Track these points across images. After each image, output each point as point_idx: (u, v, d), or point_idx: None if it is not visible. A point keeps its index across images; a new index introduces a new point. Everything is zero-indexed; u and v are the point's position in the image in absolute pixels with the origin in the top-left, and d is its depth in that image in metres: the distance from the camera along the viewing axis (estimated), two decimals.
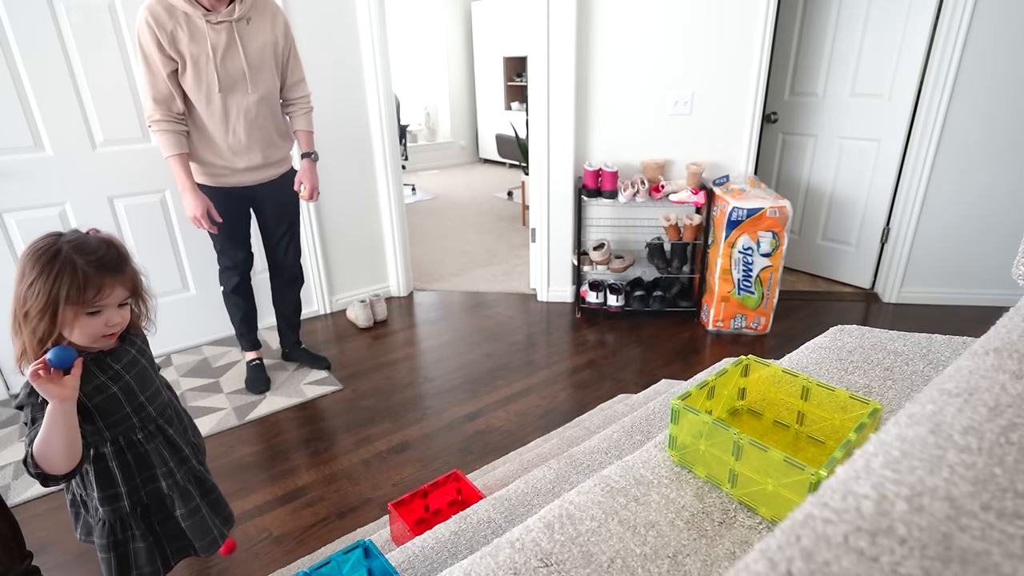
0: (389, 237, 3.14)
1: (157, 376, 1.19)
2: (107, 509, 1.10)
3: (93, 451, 1.08)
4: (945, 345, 1.10)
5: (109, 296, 1.00)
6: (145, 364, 1.14)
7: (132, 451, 1.12)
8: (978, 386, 0.44)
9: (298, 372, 2.48)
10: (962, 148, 2.72)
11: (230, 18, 1.82)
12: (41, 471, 0.95)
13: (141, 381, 1.12)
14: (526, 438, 2.00)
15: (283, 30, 1.98)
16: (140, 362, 1.13)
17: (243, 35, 1.87)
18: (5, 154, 2.11)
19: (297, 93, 2.10)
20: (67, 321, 0.97)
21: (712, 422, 0.75)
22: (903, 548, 0.30)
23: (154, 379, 1.17)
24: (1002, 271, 2.86)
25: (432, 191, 6.10)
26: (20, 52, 2.05)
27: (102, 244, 1.01)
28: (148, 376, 1.14)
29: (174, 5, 1.76)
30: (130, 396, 1.10)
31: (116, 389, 1.07)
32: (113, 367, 1.07)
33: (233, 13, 1.82)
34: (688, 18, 2.64)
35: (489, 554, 0.70)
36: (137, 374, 1.11)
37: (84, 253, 0.97)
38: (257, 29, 1.90)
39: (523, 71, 6.56)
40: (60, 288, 0.94)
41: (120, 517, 1.13)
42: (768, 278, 2.59)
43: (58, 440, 0.93)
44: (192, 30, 1.79)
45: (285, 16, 2.00)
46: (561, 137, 2.85)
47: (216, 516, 1.25)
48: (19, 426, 2.12)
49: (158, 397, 1.16)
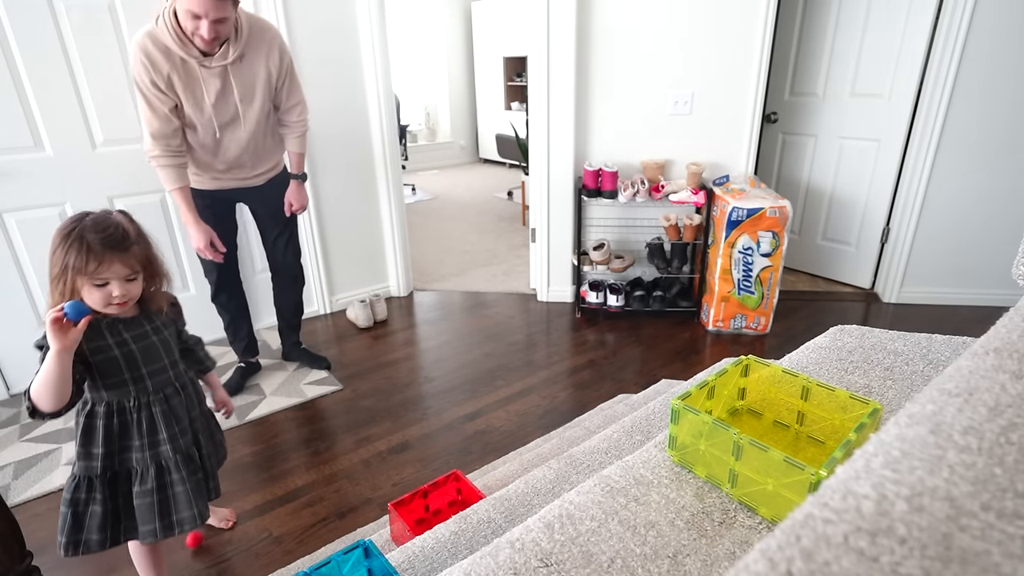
0: (389, 237, 3.14)
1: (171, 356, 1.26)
2: (80, 464, 1.20)
3: (88, 407, 1.19)
4: (945, 345, 1.10)
5: (109, 271, 1.10)
6: (156, 342, 1.22)
7: (120, 417, 1.20)
8: (978, 386, 0.44)
9: (298, 372, 2.48)
10: (962, 148, 2.72)
11: (224, 61, 1.79)
12: (32, 405, 1.09)
13: (146, 354, 1.20)
14: (526, 438, 2.00)
15: (277, 61, 1.92)
16: (151, 338, 1.21)
17: (236, 75, 1.84)
18: (5, 154, 2.11)
19: (292, 117, 2.06)
20: (78, 287, 1.10)
21: (712, 422, 0.75)
22: (903, 548, 0.30)
23: (163, 358, 1.24)
24: (1002, 271, 2.86)
25: (432, 191, 6.10)
26: (20, 52, 2.05)
27: (114, 224, 1.12)
28: (156, 353, 1.22)
29: (170, 48, 1.72)
30: (131, 364, 1.19)
31: (118, 354, 1.17)
32: (123, 334, 1.17)
33: (228, 56, 1.79)
34: (688, 18, 2.64)
35: (489, 554, 0.70)
36: (144, 347, 1.20)
37: (96, 231, 1.09)
38: (250, 65, 1.86)
39: (523, 71, 6.55)
40: (69, 258, 1.07)
41: (89, 476, 1.21)
42: (768, 278, 2.59)
43: (49, 381, 1.05)
44: (187, 74, 1.77)
45: (282, 43, 1.94)
46: (561, 137, 2.85)
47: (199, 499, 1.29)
48: (19, 426, 2.13)
49: (161, 375, 1.24)
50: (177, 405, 1.27)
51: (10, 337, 2.27)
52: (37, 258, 2.24)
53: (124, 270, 1.12)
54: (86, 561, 1.56)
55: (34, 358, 1.12)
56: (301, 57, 2.59)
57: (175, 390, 1.27)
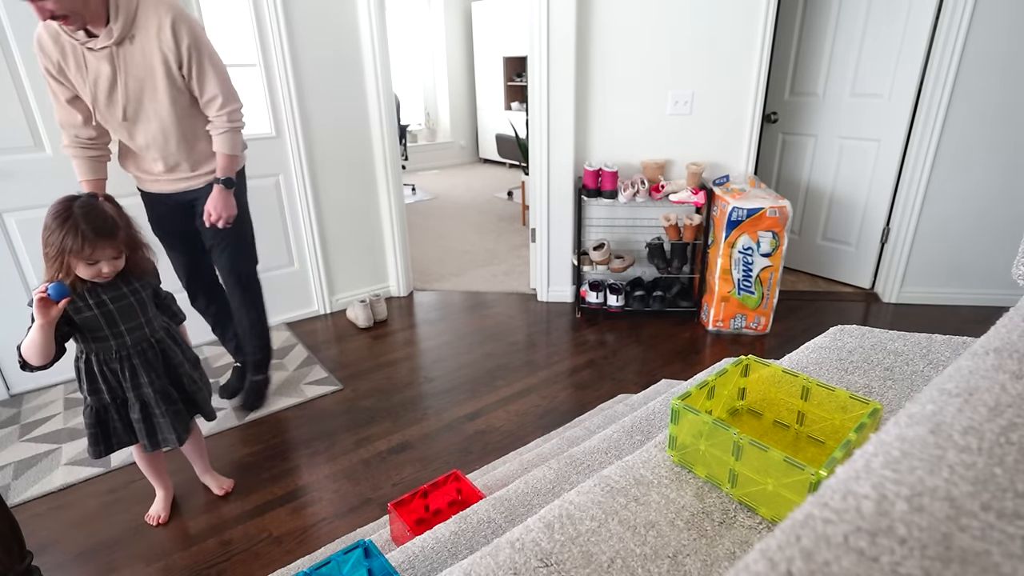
0: (389, 237, 3.14)
1: (146, 314, 1.48)
2: (92, 397, 1.47)
3: (84, 356, 1.44)
4: (945, 345, 1.10)
5: (101, 254, 1.33)
6: (133, 302, 1.44)
7: (108, 365, 1.45)
8: (978, 386, 0.44)
9: (298, 372, 2.48)
10: (962, 148, 2.72)
11: (108, 42, 1.59)
12: (23, 360, 1.32)
13: (125, 314, 1.43)
14: (526, 438, 2.00)
15: (171, 40, 1.64)
16: (128, 299, 1.43)
17: (126, 59, 1.64)
18: (5, 154, 2.11)
19: (211, 112, 1.79)
20: (72, 264, 1.31)
21: (712, 422, 0.75)
22: (903, 548, 0.30)
23: (139, 316, 1.46)
24: (1002, 271, 2.86)
25: (432, 191, 6.10)
26: (20, 52, 2.05)
27: (104, 215, 1.33)
28: (133, 312, 1.45)
29: (59, 33, 1.60)
30: (110, 322, 1.41)
31: (98, 313, 1.39)
32: (101, 296, 1.39)
33: (111, 37, 1.59)
34: (688, 18, 2.64)
35: (489, 554, 0.70)
36: (122, 308, 1.42)
37: (88, 220, 1.29)
38: (141, 47, 1.64)
39: (523, 71, 6.56)
40: (66, 242, 1.28)
41: (103, 405, 1.48)
42: (768, 278, 2.59)
43: (34, 345, 1.29)
44: (76, 60, 1.63)
45: (177, 17, 1.64)
46: (561, 137, 2.85)
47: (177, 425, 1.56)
48: (19, 426, 2.13)
49: (139, 330, 1.47)
50: (152, 357, 1.50)
51: (10, 337, 2.27)
52: (37, 258, 2.23)
53: (113, 252, 1.35)
54: (86, 561, 1.56)
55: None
56: (301, 57, 2.59)
57: (150, 344, 1.50)
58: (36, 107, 2.12)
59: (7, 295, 2.23)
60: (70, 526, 1.68)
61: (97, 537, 1.64)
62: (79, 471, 1.89)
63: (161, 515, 1.68)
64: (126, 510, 1.73)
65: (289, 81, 2.57)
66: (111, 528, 1.67)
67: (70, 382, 2.40)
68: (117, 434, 1.52)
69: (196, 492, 1.80)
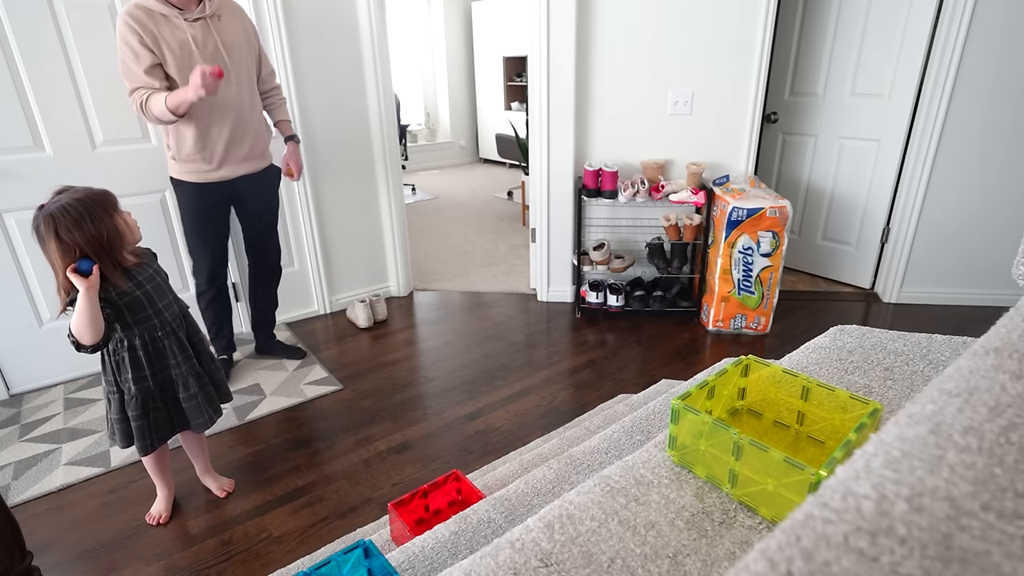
0: (389, 237, 3.14)
1: (171, 292, 1.55)
2: (138, 387, 1.48)
3: (127, 342, 1.45)
4: (945, 345, 1.10)
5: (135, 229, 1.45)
6: (160, 281, 1.51)
7: (154, 345, 1.49)
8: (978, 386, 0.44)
9: (298, 372, 2.48)
10: (962, 148, 2.72)
11: (204, 14, 1.92)
12: (76, 340, 1.33)
13: (158, 292, 1.49)
14: (526, 438, 2.00)
15: (252, 30, 2.10)
16: (156, 279, 1.50)
17: (219, 30, 1.97)
18: (5, 154, 2.11)
19: (271, 84, 2.21)
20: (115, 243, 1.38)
21: (712, 422, 0.75)
22: (903, 548, 0.30)
23: (167, 294, 1.52)
24: (1002, 271, 2.86)
25: (432, 191, 6.09)
26: (20, 52, 2.05)
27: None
28: (163, 290, 1.51)
29: (151, 8, 1.83)
30: (151, 301, 1.47)
31: (140, 293, 1.44)
32: (137, 278, 1.44)
33: (205, 10, 1.93)
34: (688, 18, 2.64)
35: (489, 554, 0.70)
36: (155, 287, 1.48)
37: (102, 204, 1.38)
38: (229, 25, 2.00)
39: (523, 71, 6.55)
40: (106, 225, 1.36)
41: (147, 395, 1.50)
42: (768, 278, 2.59)
43: (85, 314, 1.30)
44: (171, 27, 1.87)
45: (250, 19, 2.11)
46: (561, 137, 2.85)
47: (209, 406, 1.61)
48: (19, 426, 2.13)
49: (171, 308, 1.53)
50: (183, 335, 1.55)
51: (10, 337, 2.27)
52: (37, 258, 2.24)
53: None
54: (86, 561, 1.56)
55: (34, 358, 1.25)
56: (301, 57, 2.59)
57: (180, 322, 1.55)
58: (36, 107, 2.12)
59: (7, 295, 2.23)
60: (70, 526, 1.68)
61: (97, 537, 1.64)
62: (79, 471, 1.89)
63: (162, 515, 1.68)
64: (126, 510, 1.73)
65: (289, 81, 2.57)
66: (111, 528, 1.67)
67: (70, 382, 2.40)
68: (160, 426, 1.55)
69: (196, 492, 1.80)
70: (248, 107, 2.08)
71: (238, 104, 2.03)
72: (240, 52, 2.02)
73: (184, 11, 1.89)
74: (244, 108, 2.06)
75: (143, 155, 2.37)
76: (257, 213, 2.28)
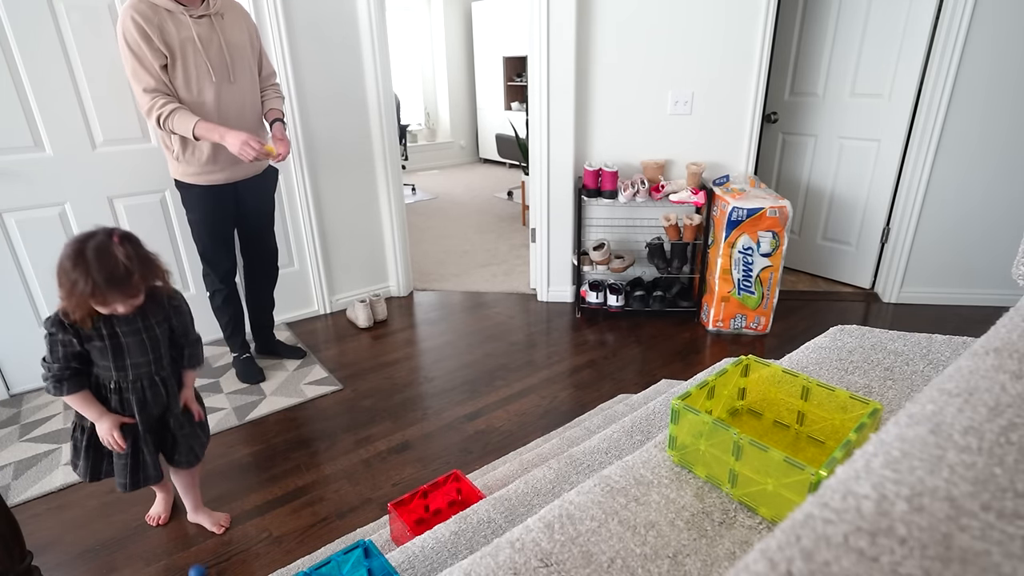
0: (389, 237, 3.14)
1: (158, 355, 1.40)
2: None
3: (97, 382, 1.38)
4: (945, 345, 1.10)
5: (114, 302, 1.25)
6: (144, 339, 1.37)
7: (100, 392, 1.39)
8: (978, 386, 0.44)
9: (298, 372, 2.48)
10: (962, 148, 2.72)
11: (208, 12, 1.93)
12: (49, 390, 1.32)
13: (134, 349, 1.36)
14: (526, 438, 2.00)
15: (254, 29, 2.12)
16: (140, 335, 1.36)
17: (223, 28, 1.98)
18: (5, 154, 2.11)
19: (271, 80, 2.22)
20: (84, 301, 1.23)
21: (712, 422, 0.75)
22: (903, 548, 0.30)
23: (147, 353, 1.38)
24: (1002, 271, 2.86)
25: (432, 191, 6.09)
26: (20, 52, 2.05)
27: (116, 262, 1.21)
28: (142, 348, 1.37)
29: (156, 3, 1.84)
30: (117, 354, 1.35)
31: (107, 345, 1.33)
32: (115, 328, 1.33)
33: (209, 7, 1.94)
34: (688, 18, 2.64)
35: (489, 554, 0.70)
36: (133, 342, 1.35)
37: (101, 267, 1.20)
38: (232, 24, 2.01)
39: (523, 71, 6.55)
40: (78, 286, 1.20)
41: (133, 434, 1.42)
42: (768, 278, 2.59)
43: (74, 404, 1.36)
44: (176, 23, 1.87)
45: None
46: (561, 137, 2.85)
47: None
48: (19, 426, 2.13)
49: (142, 368, 1.39)
50: (151, 396, 1.42)
51: (10, 337, 2.27)
52: (37, 258, 2.24)
53: (127, 298, 1.26)
54: (86, 561, 1.56)
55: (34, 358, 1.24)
56: (301, 57, 2.59)
57: (152, 382, 1.41)
58: (36, 107, 2.12)
59: (7, 295, 2.23)
60: (70, 526, 1.68)
61: (97, 537, 1.64)
62: None
63: (162, 515, 1.68)
64: (126, 510, 1.73)
65: (289, 81, 2.57)
66: (111, 528, 1.67)
67: None
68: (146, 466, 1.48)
69: None
70: (249, 108, 2.08)
71: (240, 105, 2.04)
72: (243, 51, 2.03)
73: (189, 7, 1.89)
74: (245, 109, 2.07)
75: (143, 155, 2.37)
76: (255, 214, 2.29)
